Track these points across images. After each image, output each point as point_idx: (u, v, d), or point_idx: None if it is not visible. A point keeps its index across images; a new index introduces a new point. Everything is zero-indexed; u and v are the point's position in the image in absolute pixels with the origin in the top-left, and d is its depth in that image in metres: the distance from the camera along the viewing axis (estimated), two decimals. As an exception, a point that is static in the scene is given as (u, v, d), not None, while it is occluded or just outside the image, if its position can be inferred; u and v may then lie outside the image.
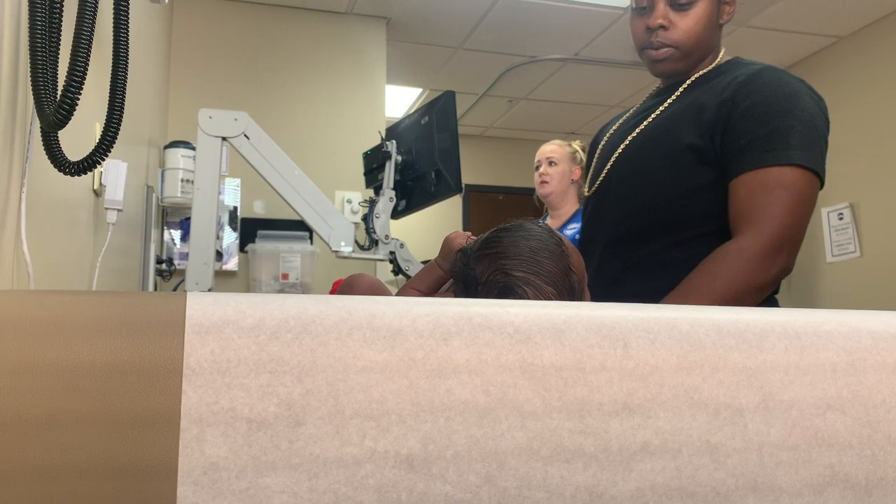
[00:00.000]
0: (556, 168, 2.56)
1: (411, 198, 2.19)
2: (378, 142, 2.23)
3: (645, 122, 1.27)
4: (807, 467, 0.52)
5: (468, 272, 0.90)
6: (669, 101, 1.26)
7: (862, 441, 0.54)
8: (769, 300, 1.18)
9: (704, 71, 1.26)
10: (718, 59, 1.27)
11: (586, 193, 1.38)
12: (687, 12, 1.21)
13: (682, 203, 1.17)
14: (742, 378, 0.53)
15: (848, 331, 0.57)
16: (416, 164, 2.15)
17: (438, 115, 2.07)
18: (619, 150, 1.29)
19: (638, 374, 0.51)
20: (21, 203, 0.85)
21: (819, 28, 3.65)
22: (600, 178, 1.32)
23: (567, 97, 4.72)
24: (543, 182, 2.57)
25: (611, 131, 1.39)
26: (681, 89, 1.26)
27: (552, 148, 2.61)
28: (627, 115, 1.39)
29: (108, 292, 0.48)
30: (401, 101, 4.75)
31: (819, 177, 1.13)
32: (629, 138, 1.28)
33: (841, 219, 3.66)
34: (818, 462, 0.52)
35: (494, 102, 4.85)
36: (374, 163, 2.23)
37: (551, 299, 0.86)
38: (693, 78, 1.25)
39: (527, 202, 2.92)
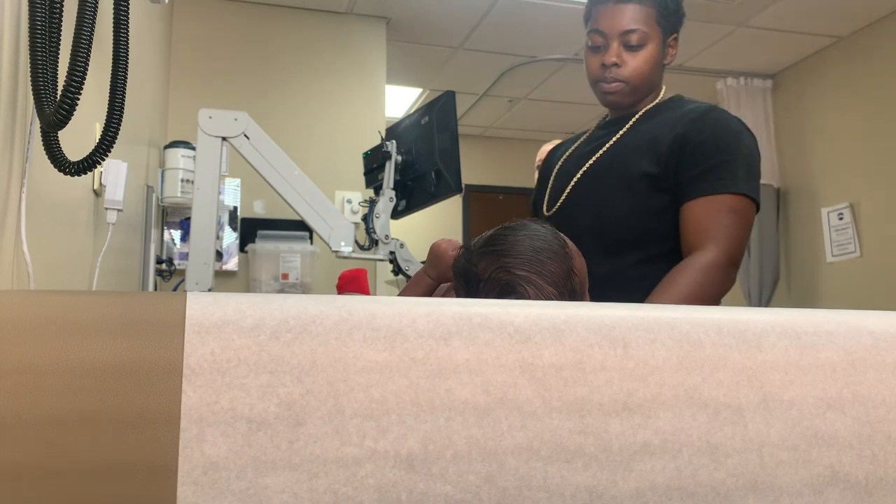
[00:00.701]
0: (556, 168, 2.55)
1: (411, 198, 2.19)
2: (378, 142, 2.23)
3: (601, 151, 1.43)
4: (807, 467, 0.52)
5: (470, 268, 0.90)
6: (622, 132, 1.42)
7: (862, 441, 0.54)
8: None
9: (650, 106, 1.43)
10: (661, 96, 1.45)
11: (546, 213, 1.51)
12: (637, 53, 1.39)
13: (641, 224, 1.34)
14: (742, 378, 0.53)
15: (848, 331, 0.57)
16: (416, 164, 2.15)
17: (438, 115, 2.07)
18: (578, 176, 1.44)
19: (638, 374, 0.51)
20: (21, 203, 0.85)
21: (819, 28, 3.65)
22: (560, 201, 1.47)
23: (567, 97, 4.72)
24: (543, 182, 2.57)
25: (564, 157, 1.55)
26: (632, 121, 1.42)
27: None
28: (579, 142, 1.56)
29: (108, 292, 0.48)
30: (401, 101, 4.75)
31: (757, 205, 1.32)
32: (587, 165, 1.44)
33: (841, 219, 3.66)
34: (818, 462, 0.52)
35: (494, 102, 4.85)
36: (374, 163, 2.23)
37: (552, 300, 0.86)
38: (642, 112, 1.43)
39: (527, 202, 2.91)
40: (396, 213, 2.18)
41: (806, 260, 3.91)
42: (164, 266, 2.68)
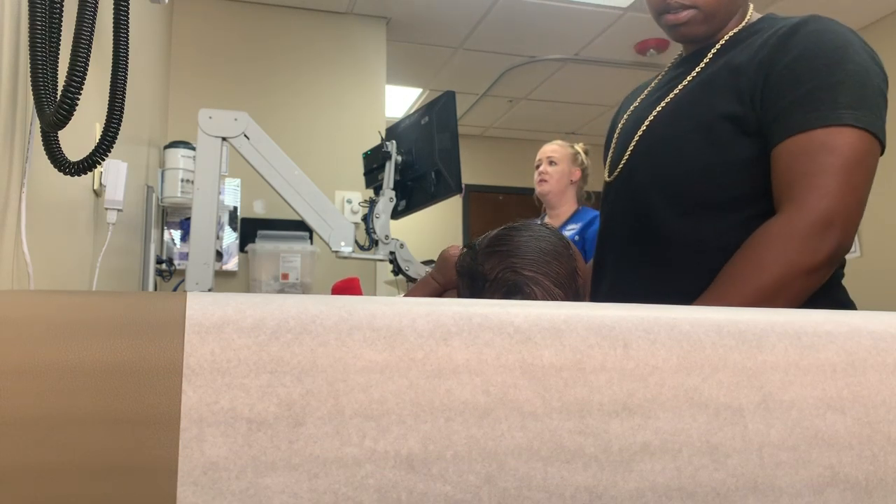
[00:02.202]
0: (556, 167, 2.56)
1: (411, 198, 2.19)
2: (378, 142, 2.23)
3: (672, 93, 1.12)
4: (807, 467, 0.52)
5: (476, 268, 0.91)
6: (699, 68, 1.11)
7: (862, 441, 0.54)
8: (834, 287, 1.03)
9: (734, 31, 1.12)
10: (748, 18, 1.13)
11: (606, 178, 1.22)
12: None
13: (722, 181, 1.02)
14: (742, 378, 0.53)
15: (848, 331, 0.57)
16: (416, 165, 2.15)
17: (438, 115, 2.07)
18: (644, 127, 1.13)
19: (638, 375, 0.51)
20: (21, 203, 0.85)
21: (819, 28, 3.64)
22: (623, 160, 1.16)
23: (567, 97, 4.72)
24: (542, 181, 2.58)
25: (631, 108, 1.24)
26: (711, 53, 1.11)
27: (553, 147, 2.62)
28: (649, 88, 1.24)
29: (108, 292, 0.48)
30: (401, 101, 4.75)
31: (878, 138, 0.95)
32: (654, 112, 1.13)
33: (841, 219, 3.65)
34: (818, 462, 0.52)
35: (494, 102, 4.85)
36: (374, 163, 2.23)
37: (558, 300, 0.86)
38: (723, 41, 1.11)
39: (527, 202, 2.92)
40: (396, 213, 2.18)
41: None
42: (164, 266, 2.68)
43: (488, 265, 0.89)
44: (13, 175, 0.84)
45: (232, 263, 3.14)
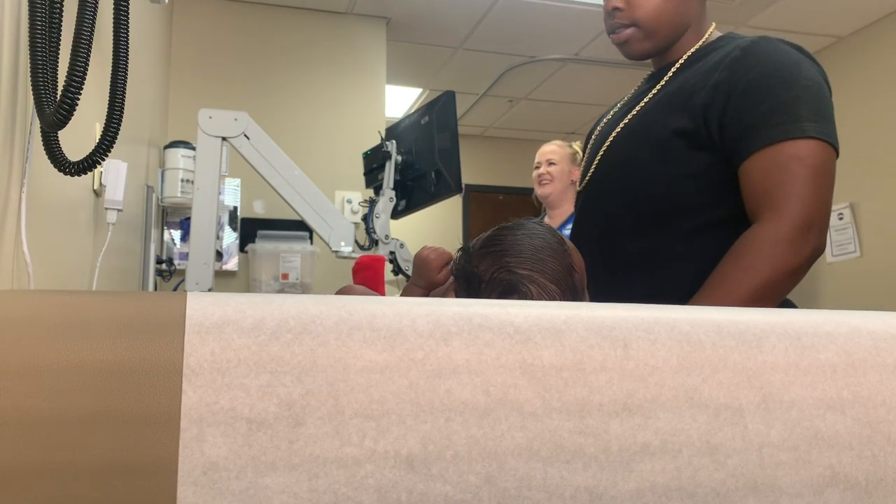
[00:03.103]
0: (556, 168, 2.56)
1: (411, 198, 2.19)
2: (378, 142, 2.23)
3: (635, 110, 1.20)
4: (807, 468, 0.52)
5: (471, 269, 0.90)
6: (659, 86, 1.19)
7: (862, 441, 0.54)
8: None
9: (693, 50, 1.17)
10: (707, 36, 1.18)
11: (578, 189, 1.31)
12: None
13: (676, 191, 1.10)
14: (742, 378, 0.53)
15: (848, 331, 0.57)
16: (416, 164, 2.15)
17: (438, 115, 2.07)
18: (609, 141, 1.21)
19: (638, 375, 0.51)
20: (21, 203, 0.85)
21: (819, 28, 3.65)
22: (590, 172, 1.24)
23: (567, 97, 4.72)
24: (542, 182, 2.58)
25: (602, 122, 1.32)
26: (671, 72, 1.18)
27: (552, 148, 2.62)
28: (621, 103, 1.32)
29: (108, 292, 0.48)
30: (401, 101, 4.75)
31: (835, 148, 1.04)
32: (619, 127, 1.21)
33: (841, 219, 3.66)
34: (818, 462, 0.52)
35: (494, 102, 4.85)
36: (374, 163, 2.23)
37: (555, 298, 0.86)
38: (682, 60, 1.17)
39: (527, 202, 2.92)
40: (396, 213, 2.18)
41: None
42: (164, 266, 2.68)
43: (483, 266, 0.89)
44: (13, 175, 0.84)
45: (232, 263, 3.14)
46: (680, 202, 1.10)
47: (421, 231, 4.99)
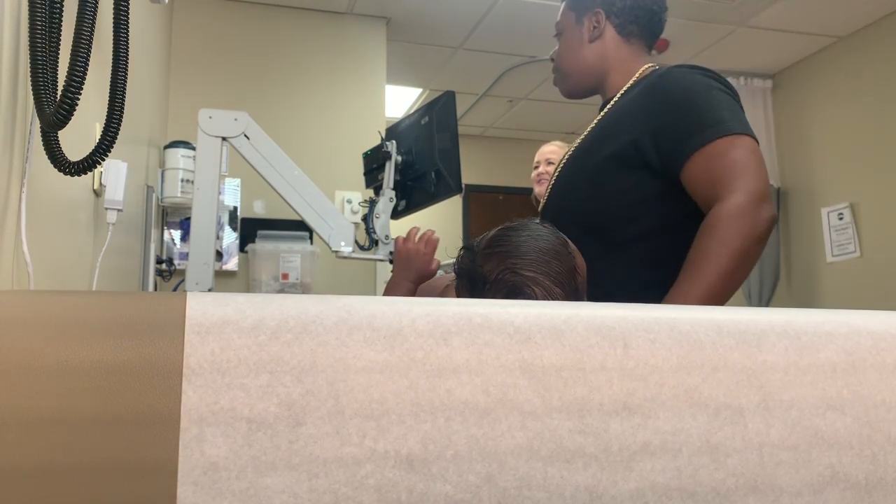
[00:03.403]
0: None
1: (411, 198, 2.19)
2: (378, 142, 2.23)
3: (579, 139, 1.41)
4: (807, 467, 0.52)
5: (475, 269, 0.90)
6: (597, 119, 1.39)
7: (862, 441, 0.54)
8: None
9: (626, 87, 1.37)
10: (640, 74, 1.36)
11: (539, 209, 1.50)
12: (561, 41, 1.42)
13: (609, 206, 1.26)
14: (742, 378, 0.53)
15: (848, 331, 0.57)
16: (416, 164, 2.15)
17: (438, 115, 2.07)
18: (560, 167, 1.42)
19: (638, 374, 0.51)
20: (21, 203, 0.85)
21: (819, 28, 3.65)
22: (543, 200, 1.45)
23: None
24: (542, 181, 2.58)
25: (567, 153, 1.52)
26: (608, 107, 1.37)
27: (552, 149, 2.62)
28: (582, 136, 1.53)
29: (108, 292, 0.48)
30: (401, 101, 4.75)
31: (755, 140, 1.19)
32: (565, 158, 1.42)
33: (841, 219, 3.66)
34: (818, 462, 0.52)
35: (494, 102, 4.85)
36: (374, 163, 2.23)
37: (558, 300, 0.86)
38: (617, 96, 1.36)
39: (527, 202, 2.92)
40: (396, 213, 2.18)
41: (806, 260, 3.91)
42: (164, 266, 2.68)
43: (488, 267, 0.89)
44: (13, 175, 0.84)
45: (232, 263, 3.14)
46: (613, 216, 1.26)
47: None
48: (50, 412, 0.41)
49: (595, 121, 1.39)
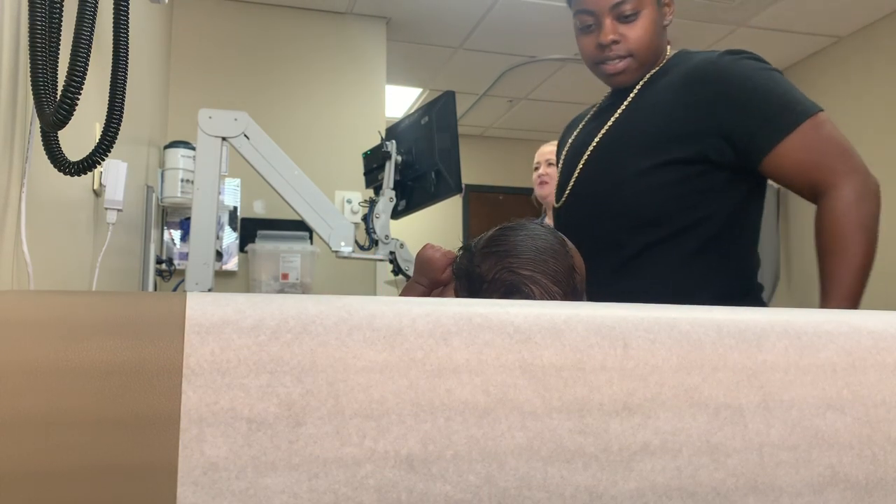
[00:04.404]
0: (555, 169, 2.56)
1: (411, 198, 2.19)
2: (378, 142, 2.23)
3: (607, 126, 1.31)
4: (807, 467, 0.52)
5: (473, 269, 0.91)
6: (627, 101, 1.30)
7: (862, 441, 0.54)
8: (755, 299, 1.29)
9: (656, 69, 1.31)
10: (667, 56, 1.33)
11: (556, 205, 1.39)
12: (634, 23, 1.26)
13: (654, 201, 1.22)
14: (742, 378, 0.53)
15: (848, 331, 0.57)
16: (416, 164, 2.15)
17: (438, 115, 2.07)
18: (586, 156, 1.32)
19: (638, 374, 0.51)
20: (21, 203, 0.85)
21: (819, 28, 3.65)
22: (568, 190, 1.35)
23: (567, 97, 4.72)
24: (542, 182, 2.58)
25: (572, 137, 1.42)
26: (639, 86, 1.30)
27: (551, 149, 2.61)
28: (585, 120, 1.43)
29: (108, 292, 0.48)
30: (401, 101, 4.75)
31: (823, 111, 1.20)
32: (594, 143, 1.32)
33: (841, 219, 3.65)
34: (818, 462, 0.52)
35: (494, 102, 4.85)
36: (374, 163, 2.23)
37: (556, 299, 0.86)
38: (645, 79, 1.30)
39: (527, 202, 2.92)
40: (396, 213, 2.18)
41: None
42: (164, 266, 2.68)
43: (485, 266, 0.89)
44: (13, 175, 0.84)
45: (232, 263, 3.14)
46: (658, 211, 1.22)
47: (421, 231, 4.98)
48: (50, 412, 0.41)
49: (622, 107, 1.30)
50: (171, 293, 0.49)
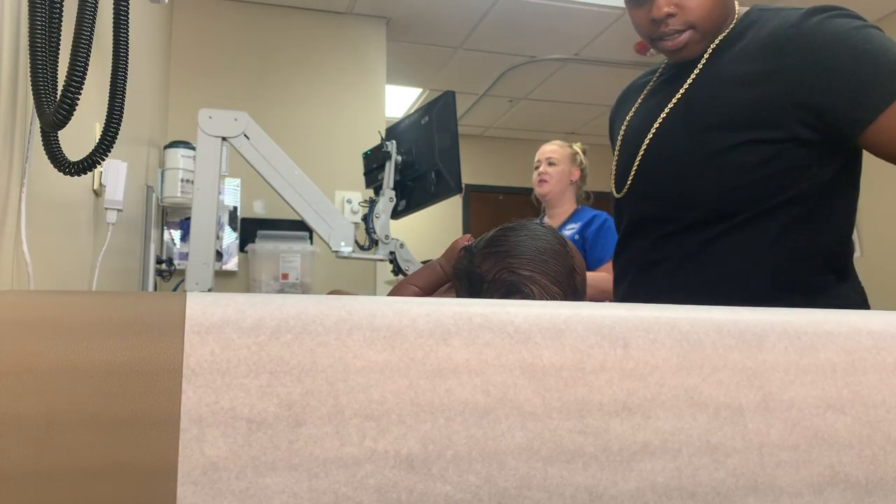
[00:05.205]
0: (556, 168, 2.56)
1: (411, 198, 2.20)
2: (378, 142, 2.23)
3: (671, 104, 1.14)
4: (807, 467, 0.52)
5: (473, 269, 0.91)
6: (696, 72, 1.13)
7: (862, 441, 0.54)
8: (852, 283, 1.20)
9: (727, 32, 1.13)
10: (737, 15, 1.15)
11: (616, 195, 1.24)
12: None
13: (733, 188, 1.08)
14: (742, 378, 0.53)
15: (848, 331, 0.57)
16: (416, 164, 2.15)
17: (438, 115, 2.07)
18: (647, 142, 1.16)
19: (638, 374, 0.51)
20: (21, 203, 0.85)
21: (819, 28, 3.65)
22: (630, 177, 1.19)
23: (567, 97, 4.72)
24: (542, 181, 2.58)
25: (630, 115, 1.26)
26: (706, 57, 1.13)
27: (552, 148, 2.61)
28: (645, 92, 1.26)
29: (108, 292, 0.48)
30: (401, 101, 4.75)
31: None
32: (654, 126, 1.15)
33: (841, 219, 3.65)
34: (818, 462, 0.52)
35: (494, 102, 4.85)
36: (374, 163, 2.23)
37: (557, 299, 0.86)
38: (718, 41, 1.13)
39: (527, 202, 2.92)
40: (396, 213, 2.18)
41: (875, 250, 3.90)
42: (164, 266, 2.68)
43: (485, 266, 0.89)
44: (13, 175, 0.84)
45: (232, 263, 3.14)
46: (741, 196, 1.08)
47: (421, 231, 4.99)
48: (50, 412, 0.41)
49: (690, 80, 1.14)
50: (171, 293, 0.49)
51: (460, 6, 3.45)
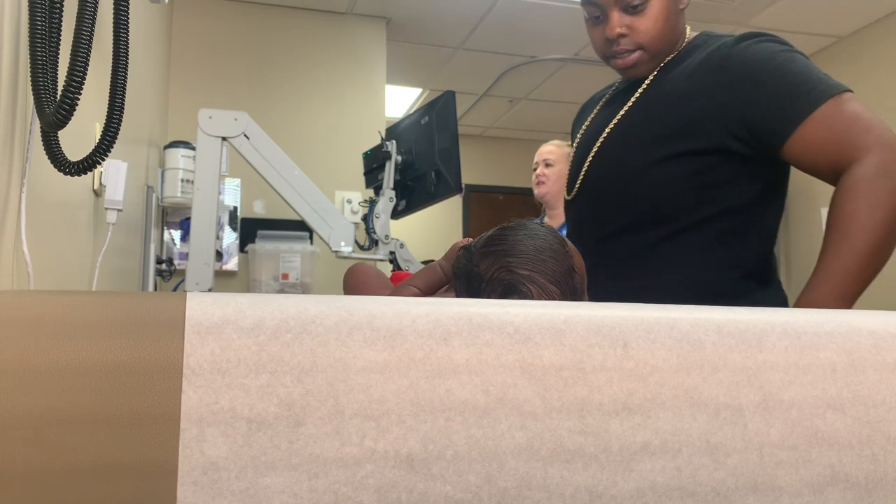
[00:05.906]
0: (553, 169, 2.56)
1: (411, 198, 2.20)
2: (378, 142, 2.23)
3: (617, 117, 1.23)
4: (807, 467, 0.52)
5: (472, 269, 0.91)
6: (642, 88, 1.22)
7: (862, 441, 0.54)
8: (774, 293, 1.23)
9: (674, 55, 1.22)
10: (687, 39, 1.24)
11: (566, 197, 1.33)
12: (643, 13, 1.17)
13: (670, 193, 1.15)
14: (742, 378, 0.53)
15: (848, 331, 0.57)
16: (416, 164, 2.15)
17: (438, 115, 2.07)
18: (596, 147, 1.25)
19: (638, 374, 0.51)
20: (21, 203, 0.85)
21: (819, 28, 3.65)
22: (580, 179, 1.28)
23: (567, 97, 4.72)
24: (539, 182, 2.58)
25: (585, 124, 1.35)
26: (653, 75, 1.22)
27: (549, 149, 2.62)
28: (601, 102, 1.35)
29: (108, 292, 0.48)
30: (401, 101, 4.75)
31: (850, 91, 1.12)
32: (602, 136, 1.24)
33: (841, 219, 3.65)
34: (818, 462, 0.52)
35: (494, 102, 4.85)
36: (374, 163, 2.23)
37: (555, 298, 0.86)
38: (665, 62, 1.22)
39: (527, 202, 2.92)
40: (396, 213, 2.18)
41: (806, 260, 3.90)
42: (164, 266, 2.68)
43: (484, 265, 0.89)
44: (13, 175, 0.84)
45: (232, 263, 3.14)
46: (672, 205, 1.16)
47: (421, 231, 4.99)
48: (50, 412, 0.41)
49: (636, 94, 1.23)
50: (171, 293, 0.49)
51: (460, 6, 3.45)
